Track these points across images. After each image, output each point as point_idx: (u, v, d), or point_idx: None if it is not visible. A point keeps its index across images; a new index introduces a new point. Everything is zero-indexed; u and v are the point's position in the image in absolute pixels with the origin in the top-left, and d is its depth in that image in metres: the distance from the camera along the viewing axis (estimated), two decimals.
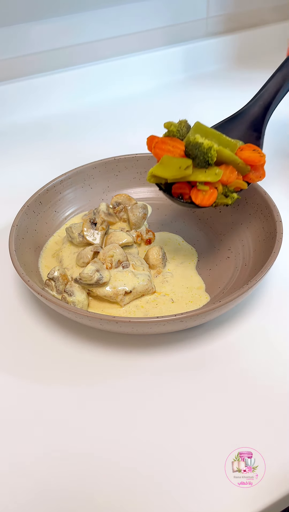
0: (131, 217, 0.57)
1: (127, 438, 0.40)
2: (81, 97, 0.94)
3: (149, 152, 0.64)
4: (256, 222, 0.56)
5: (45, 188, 0.59)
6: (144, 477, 0.38)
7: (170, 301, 0.51)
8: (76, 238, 0.55)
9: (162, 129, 0.52)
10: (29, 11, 0.83)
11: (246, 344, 0.48)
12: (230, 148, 0.48)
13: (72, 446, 0.40)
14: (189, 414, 0.42)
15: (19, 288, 0.55)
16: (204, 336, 0.49)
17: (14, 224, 0.54)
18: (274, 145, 0.79)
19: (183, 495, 0.37)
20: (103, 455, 0.39)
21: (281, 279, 0.54)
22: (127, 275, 0.50)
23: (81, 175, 0.63)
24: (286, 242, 0.54)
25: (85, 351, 0.48)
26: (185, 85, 1.01)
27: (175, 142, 0.48)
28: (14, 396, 0.44)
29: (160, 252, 0.54)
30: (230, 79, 1.01)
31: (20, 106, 0.90)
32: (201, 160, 0.45)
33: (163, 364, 0.46)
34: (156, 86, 1.00)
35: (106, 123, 0.89)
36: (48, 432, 0.41)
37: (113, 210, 0.59)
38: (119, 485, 0.37)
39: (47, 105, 0.91)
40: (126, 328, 0.44)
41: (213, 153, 0.45)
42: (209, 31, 1.04)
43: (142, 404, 0.43)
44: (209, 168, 0.46)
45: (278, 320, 0.50)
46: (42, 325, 0.51)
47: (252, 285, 0.44)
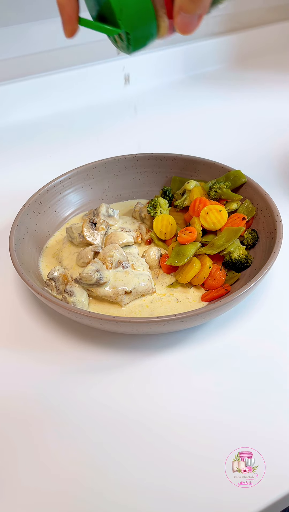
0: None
1: (127, 438, 0.40)
2: (81, 97, 0.94)
3: (148, 152, 0.65)
4: (256, 222, 0.56)
5: (45, 188, 0.59)
6: (144, 477, 0.38)
7: (175, 301, 0.51)
8: (76, 238, 0.55)
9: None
10: (29, 11, 0.83)
11: (246, 344, 0.48)
12: None
13: (66, 449, 0.40)
14: (189, 414, 0.42)
15: (19, 288, 0.55)
16: (204, 336, 0.49)
17: (14, 224, 0.54)
18: (274, 145, 0.79)
19: (183, 495, 0.37)
20: (96, 459, 0.39)
21: (281, 279, 0.54)
22: (128, 275, 0.50)
23: (81, 175, 0.63)
24: (286, 242, 0.54)
25: (85, 351, 0.48)
26: (185, 85, 1.01)
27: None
28: (14, 396, 0.44)
29: (156, 252, 0.54)
30: (230, 79, 1.01)
31: (21, 106, 0.90)
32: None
33: (162, 364, 0.46)
34: (156, 86, 1.00)
35: (107, 123, 0.89)
36: (48, 432, 0.41)
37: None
38: (119, 485, 0.38)
39: (48, 105, 0.91)
40: (126, 328, 0.44)
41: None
42: (209, 31, 1.04)
43: (142, 404, 0.43)
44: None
45: (278, 320, 0.50)
46: (42, 325, 0.51)
47: (252, 285, 0.44)
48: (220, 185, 0.56)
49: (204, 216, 0.54)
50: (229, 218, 0.54)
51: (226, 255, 0.52)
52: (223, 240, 0.52)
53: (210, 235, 0.55)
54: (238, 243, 0.52)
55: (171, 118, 0.89)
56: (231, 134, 0.84)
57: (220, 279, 0.51)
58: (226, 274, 0.52)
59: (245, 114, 0.89)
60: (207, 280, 0.51)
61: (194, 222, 0.54)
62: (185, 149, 0.67)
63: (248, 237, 0.54)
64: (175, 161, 0.64)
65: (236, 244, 0.52)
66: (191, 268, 0.50)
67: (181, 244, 0.53)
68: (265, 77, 1.01)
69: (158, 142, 0.81)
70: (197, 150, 0.66)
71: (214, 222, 0.53)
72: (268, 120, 0.86)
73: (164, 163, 0.64)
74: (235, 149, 0.78)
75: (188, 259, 0.51)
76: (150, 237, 0.58)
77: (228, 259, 0.52)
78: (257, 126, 0.85)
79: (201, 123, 0.87)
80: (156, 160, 0.64)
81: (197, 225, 0.54)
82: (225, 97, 0.94)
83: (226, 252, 0.52)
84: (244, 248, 0.53)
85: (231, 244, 0.52)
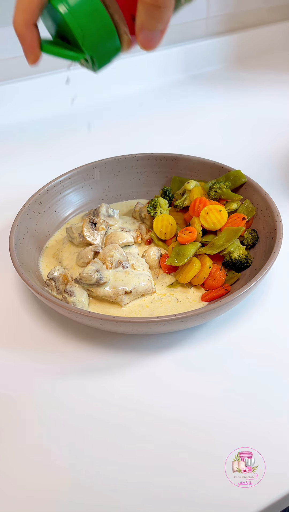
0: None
1: (126, 438, 0.40)
2: (81, 97, 0.94)
3: (148, 152, 0.65)
4: (256, 222, 0.56)
5: (45, 188, 0.59)
6: (144, 477, 0.38)
7: (175, 301, 0.51)
8: (76, 238, 0.55)
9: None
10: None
11: (246, 344, 0.48)
12: None
13: (71, 447, 0.40)
14: (189, 414, 0.42)
15: (19, 288, 0.55)
16: (204, 336, 0.49)
17: (14, 224, 0.54)
18: (274, 145, 0.79)
19: (183, 495, 0.37)
20: (95, 459, 0.39)
21: (281, 279, 0.54)
22: (128, 275, 0.50)
23: (81, 175, 0.63)
24: (286, 242, 0.54)
25: (85, 351, 0.48)
26: (185, 85, 1.01)
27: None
28: (14, 396, 0.44)
29: (156, 252, 0.54)
30: (230, 79, 1.01)
31: (21, 106, 0.90)
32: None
33: (162, 364, 0.46)
34: (156, 86, 1.00)
35: (107, 123, 0.89)
36: (48, 432, 0.41)
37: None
38: (118, 486, 0.38)
39: (48, 104, 0.91)
40: (126, 328, 0.44)
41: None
42: (209, 31, 1.04)
43: (141, 404, 0.43)
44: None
45: (278, 320, 0.50)
46: (42, 325, 0.51)
47: (252, 285, 0.44)
48: (220, 185, 0.56)
49: (204, 216, 0.54)
50: (229, 218, 0.54)
51: (226, 255, 0.52)
52: (223, 240, 0.52)
53: (210, 235, 0.55)
54: (238, 243, 0.52)
55: (171, 118, 0.89)
56: (231, 134, 0.84)
57: (220, 279, 0.51)
58: (226, 274, 0.52)
59: (245, 114, 0.89)
60: (207, 280, 0.51)
61: (194, 222, 0.54)
62: (185, 149, 0.67)
63: (248, 237, 0.54)
64: (175, 161, 0.64)
65: (236, 244, 0.52)
66: (191, 268, 0.50)
67: (181, 244, 0.53)
68: (265, 77, 1.01)
69: (158, 142, 0.81)
70: (197, 150, 0.66)
71: (214, 222, 0.53)
72: (268, 120, 0.86)
73: (164, 163, 0.64)
74: (235, 149, 0.78)
75: (188, 259, 0.51)
76: (150, 237, 0.58)
77: (228, 259, 0.52)
78: (257, 126, 0.85)
79: (201, 123, 0.87)
80: (156, 160, 0.64)
81: (197, 225, 0.54)
82: (225, 97, 0.95)
83: (226, 252, 0.52)
84: (244, 248, 0.53)
85: (231, 244, 0.52)
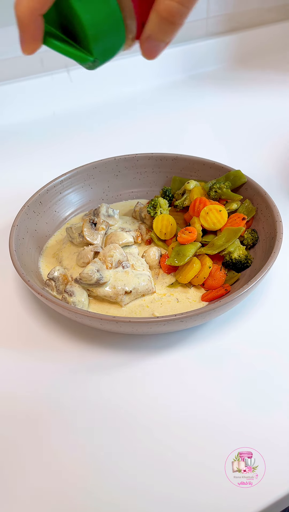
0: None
1: (125, 439, 0.40)
2: (82, 97, 0.94)
3: (148, 152, 0.65)
4: (256, 222, 0.56)
5: (45, 188, 0.59)
6: (144, 477, 0.38)
7: (175, 301, 0.51)
8: (76, 238, 0.55)
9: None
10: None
11: (246, 344, 0.48)
12: None
13: (65, 449, 0.40)
14: (189, 414, 0.42)
15: (19, 288, 0.55)
16: (204, 336, 0.49)
17: (14, 224, 0.54)
18: (274, 145, 0.79)
19: (183, 495, 0.37)
20: (95, 459, 0.39)
21: (281, 279, 0.54)
22: (128, 275, 0.50)
23: (81, 175, 0.63)
24: (286, 242, 0.54)
25: (85, 351, 0.48)
26: (185, 85, 1.01)
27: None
28: (14, 396, 0.44)
29: (156, 252, 0.54)
30: (230, 79, 1.01)
31: (21, 106, 0.90)
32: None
33: (162, 364, 0.46)
34: (156, 86, 1.00)
35: (107, 123, 0.89)
36: (47, 431, 0.41)
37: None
38: (119, 485, 0.38)
39: (48, 105, 0.91)
40: (126, 328, 0.44)
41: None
42: (209, 31, 1.04)
43: (142, 404, 0.43)
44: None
45: (278, 320, 0.50)
46: (42, 325, 0.51)
47: (252, 285, 0.44)
48: (220, 185, 0.56)
49: (204, 216, 0.54)
50: (229, 218, 0.54)
51: (226, 255, 0.52)
52: (223, 240, 0.52)
53: (210, 235, 0.55)
54: (238, 243, 0.52)
55: (171, 118, 0.89)
56: (231, 134, 0.84)
57: (220, 279, 0.51)
58: (226, 274, 0.52)
59: (245, 114, 0.89)
60: (207, 280, 0.51)
61: (194, 222, 0.54)
62: (185, 149, 0.67)
63: (248, 237, 0.54)
64: (175, 161, 0.64)
65: (236, 244, 0.52)
66: (191, 268, 0.50)
67: (181, 244, 0.53)
68: (265, 77, 1.01)
69: (158, 142, 0.81)
70: (197, 150, 0.66)
71: (214, 222, 0.53)
72: (268, 120, 0.86)
73: (164, 163, 0.64)
74: (235, 149, 0.78)
75: (188, 259, 0.51)
76: (150, 237, 0.58)
77: (228, 259, 0.52)
78: (257, 126, 0.85)
79: (200, 123, 0.87)
80: (156, 160, 0.64)
81: (197, 225, 0.54)
82: (224, 97, 0.94)
83: (226, 252, 0.52)
84: (244, 248, 0.53)
85: (231, 244, 0.52)
